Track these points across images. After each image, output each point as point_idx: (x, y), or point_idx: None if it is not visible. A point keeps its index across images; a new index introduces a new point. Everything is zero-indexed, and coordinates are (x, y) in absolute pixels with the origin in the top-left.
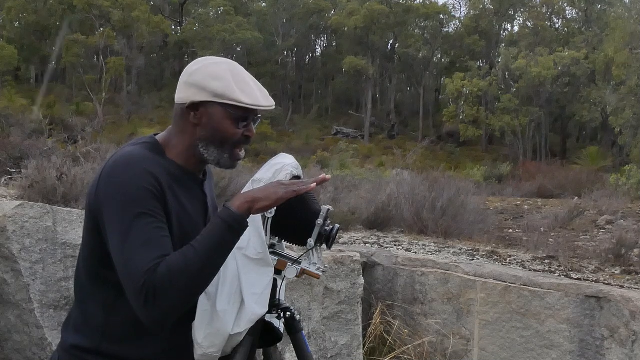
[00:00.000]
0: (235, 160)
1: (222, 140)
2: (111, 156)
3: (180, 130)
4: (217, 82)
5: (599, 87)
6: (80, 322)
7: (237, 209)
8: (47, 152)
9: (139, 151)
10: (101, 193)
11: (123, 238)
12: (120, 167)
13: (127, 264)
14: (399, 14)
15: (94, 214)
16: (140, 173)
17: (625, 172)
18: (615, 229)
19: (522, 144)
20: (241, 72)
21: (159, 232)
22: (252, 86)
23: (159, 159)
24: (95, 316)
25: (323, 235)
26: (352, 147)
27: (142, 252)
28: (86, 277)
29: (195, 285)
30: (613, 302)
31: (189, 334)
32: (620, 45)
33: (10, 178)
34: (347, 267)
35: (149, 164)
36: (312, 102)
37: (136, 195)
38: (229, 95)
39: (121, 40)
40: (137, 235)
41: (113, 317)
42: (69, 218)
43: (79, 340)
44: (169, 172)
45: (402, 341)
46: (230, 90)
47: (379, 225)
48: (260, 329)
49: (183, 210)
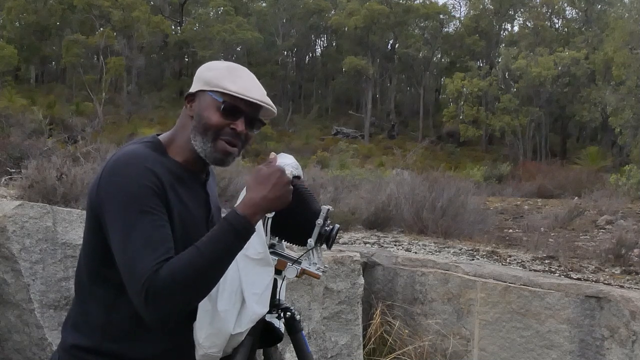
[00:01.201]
0: (219, 152)
1: (205, 127)
2: (112, 155)
3: (182, 125)
4: (210, 72)
5: (599, 87)
6: (81, 322)
7: (245, 213)
8: (47, 152)
9: (140, 150)
10: (102, 192)
11: (125, 237)
12: (121, 165)
13: (129, 263)
14: (399, 14)
15: (95, 212)
16: (142, 171)
17: (625, 172)
18: (615, 229)
19: (522, 144)
20: (240, 69)
21: (161, 230)
22: (246, 80)
23: (160, 157)
24: (95, 315)
25: (323, 235)
26: (352, 147)
27: (145, 252)
28: (87, 276)
29: (197, 289)
30: (613, 302)
31: (189, 334)
32: (620, 45)
33: (10, 178)
34: (347, 267)
35: (150, 162)
36: (312, 102)
37: (137, 193)
38: (216, 83)
39: (121, 40)
40: (139, 234)
41: (113, 316)
42: (69, 218)
43: (79, 340)
44: (170, 171)
45: (402, 341)
46: (219, 79)
47: (379, 225)
48: (260, 329)
49: (185, 209)
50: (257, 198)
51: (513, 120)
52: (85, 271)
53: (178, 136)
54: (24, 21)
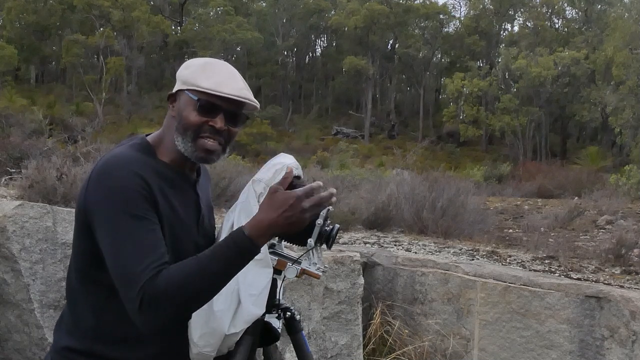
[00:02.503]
0: (201, 151)
1: (184, 127)
2: (100, 158)
3: (167, 126)
4: (186, 71)
5: (599, 87)
6: (72, 324)
7: (252, 235)
8: (47, 152)
9: (128, 153)
10: (91, 197)
11: (117, 243)
12: (108, 170)
13: (123, 270)
14: (399, 14)
15: (84, 217)
16: (130, 175)
17: (625, 172)
18: (615, 229)
19: (522, 144)
20: (216, 64)
21: (152, 234)
22: (222, 76)
23: (148, 159)
24: (86, 318)
25: (323, 235)
26: (352, 147)
27: (138, 258)
28: (76, 278)
29: (192, 302)
30: (613, 302)
31: (183, 337)
32: (620, 45)
33: (10, 178)
34: (347, 267)
35: (138, 165)
36: (312, 102)
37: (126, 199)
38: (191, 81)
39: (121, 40)
40: (131, 240)
41: (104, 318)
42: (69, 218)
43: (71, 342)
44: (159, 174)
45: (402, 341)
46: (194, 77)
47: (379, 225)
48: (260, 329)
49: (174, 212)
50: (266, 221)
51: (513, 121)
52: (75, 274)
53: (165, 137)
54: (24, 21)
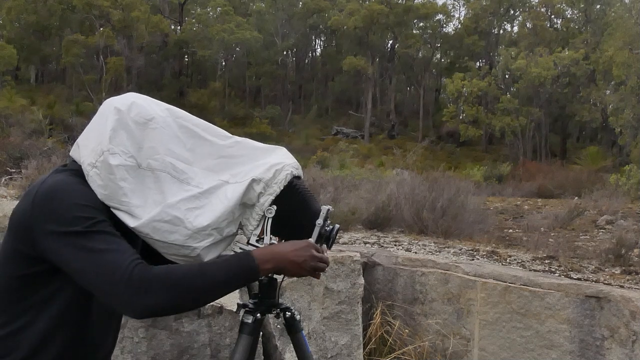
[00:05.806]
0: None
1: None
2: (34, 187)
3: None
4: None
5: (599, 87)
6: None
7: (259, 261)
8: (47, 152)
9: (65, 177)
10: (41, 226)
11: (86, 259)
12: (54, 196)
13: (101, 270)
14: (399, 14)
15: (26, 242)
16: (78, 193)
17: (625, 172)
18: (615, 229)
19: (522, 144)
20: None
21: (118, 239)
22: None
23: (85, 187)
24: (26, 339)
25: (323, 235)
26: (352, 147)
27: (115, 255)
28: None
29: (185, 299)
30: (613, 302)
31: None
32: (620, 45)
33: (10, 178)
34: (347, 267)
35: (84, 187)
36: (312, 102)
37: (81, 215)
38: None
39: (121, 40)
40: (100, 248)
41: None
42: None
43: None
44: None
45: (402, 341)
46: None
47: (379, 225)
48: (260, 329)
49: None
50: (276, 252)
51: (513, 121)
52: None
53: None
54: (24, 21)
